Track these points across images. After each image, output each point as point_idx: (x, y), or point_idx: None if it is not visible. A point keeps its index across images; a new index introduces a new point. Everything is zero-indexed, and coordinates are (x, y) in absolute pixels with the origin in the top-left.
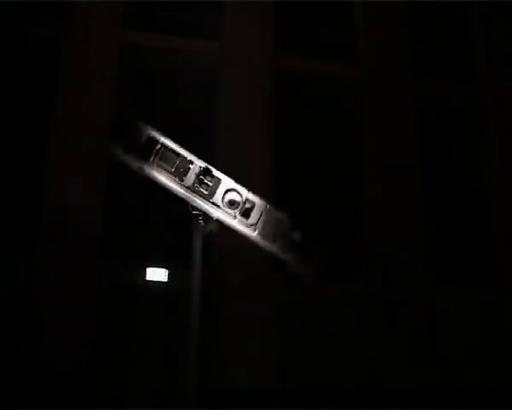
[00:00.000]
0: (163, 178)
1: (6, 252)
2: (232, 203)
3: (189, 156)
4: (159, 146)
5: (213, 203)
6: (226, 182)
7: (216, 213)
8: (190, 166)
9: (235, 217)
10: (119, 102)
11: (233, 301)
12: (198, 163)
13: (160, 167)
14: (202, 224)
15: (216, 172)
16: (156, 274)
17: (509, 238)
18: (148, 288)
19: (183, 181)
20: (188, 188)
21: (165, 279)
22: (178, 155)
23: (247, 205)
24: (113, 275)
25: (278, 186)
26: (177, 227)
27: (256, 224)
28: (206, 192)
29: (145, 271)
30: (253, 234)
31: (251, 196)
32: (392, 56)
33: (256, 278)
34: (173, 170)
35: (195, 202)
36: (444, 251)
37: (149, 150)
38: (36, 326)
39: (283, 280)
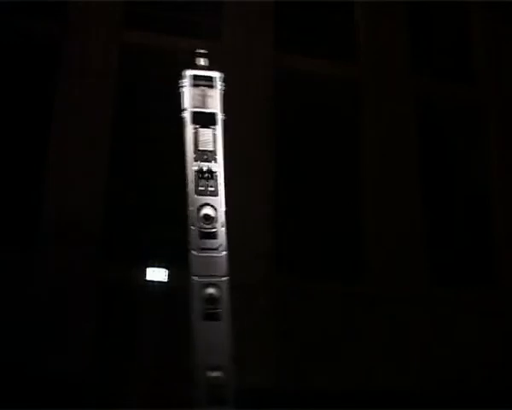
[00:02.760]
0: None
1: (6, 252)
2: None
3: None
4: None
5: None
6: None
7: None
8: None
9: None
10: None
11: (233, 301)
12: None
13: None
14: None
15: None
16: (156, 274)
17: (509, 238)
18: (148, 288)
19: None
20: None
21: (165, 279)
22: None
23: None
24: (113, 275)
25: (278, 186)
26: (177, 227)
27: None
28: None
29: (145, 271)
30: None
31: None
32: (392, 56)
33: (256, 279)
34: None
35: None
36: (444, 251)
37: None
38: (36, 326)
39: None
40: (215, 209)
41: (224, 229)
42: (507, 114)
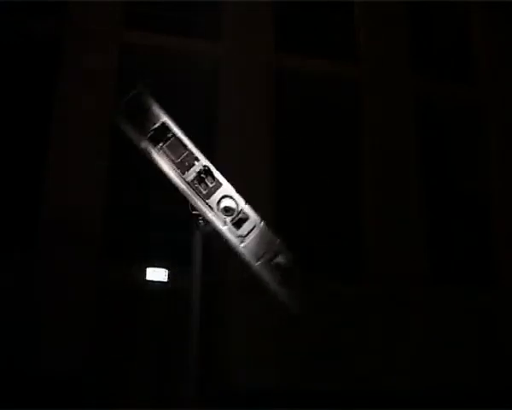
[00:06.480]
0: (165, 166)
1: (6, 252)
2: (227, 210)
3: (197, 153)
4: (170, 134)
5: (208, 205)
6: (226, 187)
7: (209, 215)
8: (195, 162)
9: (225, 223)
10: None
11: (233, 301)
12: (203, 162)
13: (166, 156)
14: (202, 224)
15: (217, 175)
16: (156, 274)
17: (509, 238)
18: (148, 288)
19: (183, 175)
20: (187, 183)
21: (165, 279)
22: (186, 147)
23: (242, 216)
24: (113, 275)
25: (278, 186)
26: (177, 227)
27: (245, 236)
28: (204, 192)
29: (145, 271)
30: (239, 246)
31: (247, 209)
32: (392, 56)
33: (256, 278)
34: (178, 161)
35: (195, 201)
36: (444, 251)
37: (160, 136)
38: (36, 326)
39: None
40: (231, 198)
41: (247, 206)
42: (507, 114)
